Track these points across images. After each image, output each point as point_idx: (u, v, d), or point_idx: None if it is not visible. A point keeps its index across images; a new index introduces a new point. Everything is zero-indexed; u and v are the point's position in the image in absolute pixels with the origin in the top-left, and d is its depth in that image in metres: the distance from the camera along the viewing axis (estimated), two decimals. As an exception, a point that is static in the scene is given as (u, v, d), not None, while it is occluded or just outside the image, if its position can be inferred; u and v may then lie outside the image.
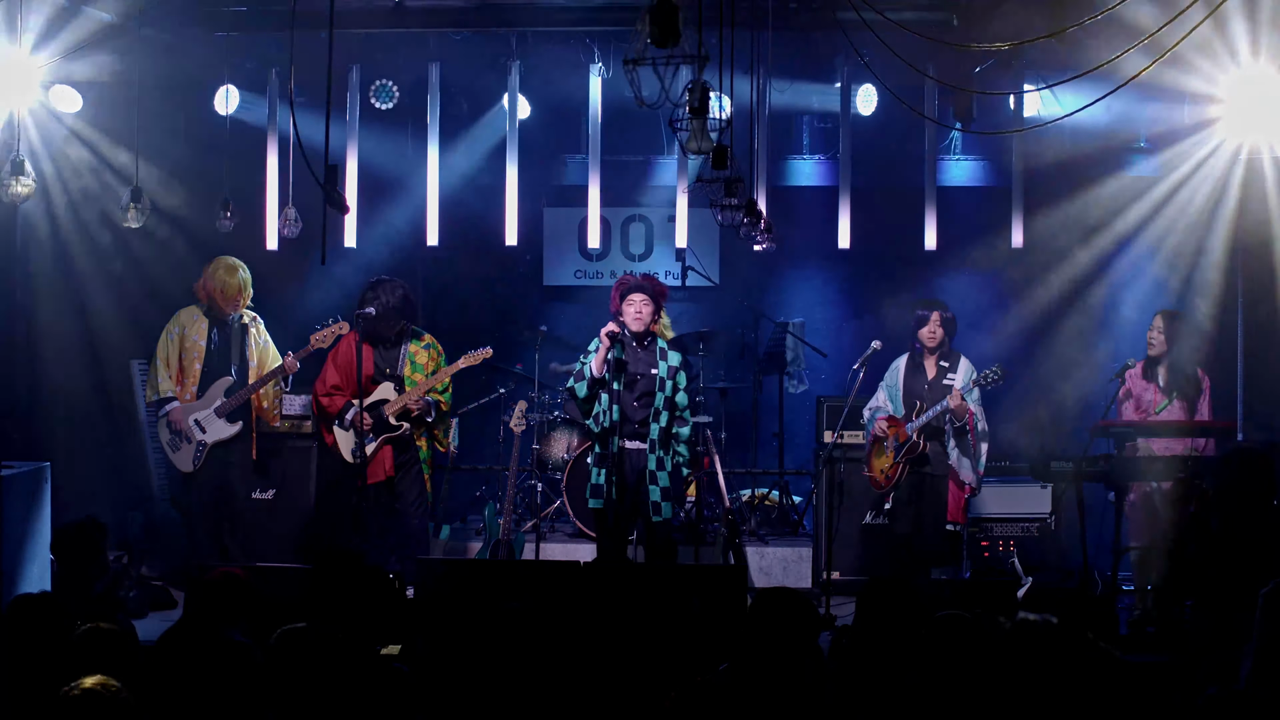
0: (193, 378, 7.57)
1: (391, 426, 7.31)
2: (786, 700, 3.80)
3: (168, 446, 7.59)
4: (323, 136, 4.97)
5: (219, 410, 7.54)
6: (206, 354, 7.59)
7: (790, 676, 3.84)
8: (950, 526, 7.25)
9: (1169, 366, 7.32)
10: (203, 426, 7.54)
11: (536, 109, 8.65)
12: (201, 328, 7.61)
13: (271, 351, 7.76)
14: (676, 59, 4.33)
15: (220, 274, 7.56)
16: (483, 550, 7.89)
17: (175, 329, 7.62)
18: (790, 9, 7.36)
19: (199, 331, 7.60)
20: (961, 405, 6.99)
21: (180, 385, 7.56)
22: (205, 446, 7.53)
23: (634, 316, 6.90)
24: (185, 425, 7.51)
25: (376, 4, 7.63)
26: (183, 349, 7.58)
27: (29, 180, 6.92)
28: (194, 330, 7.60)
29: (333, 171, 4.61)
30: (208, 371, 7.58)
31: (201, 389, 7.56)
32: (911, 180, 8.49)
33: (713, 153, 5.04)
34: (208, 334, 7.60)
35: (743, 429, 9.26)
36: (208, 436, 7.54)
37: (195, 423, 7.52)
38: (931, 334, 7.24)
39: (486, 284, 9.82)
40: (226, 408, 7.55)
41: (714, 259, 9.74)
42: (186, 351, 7.58)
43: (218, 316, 7.63)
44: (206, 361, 7.59)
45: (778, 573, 8.05)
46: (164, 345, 7.59)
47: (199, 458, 7.53)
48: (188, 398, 7.55)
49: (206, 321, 7.63)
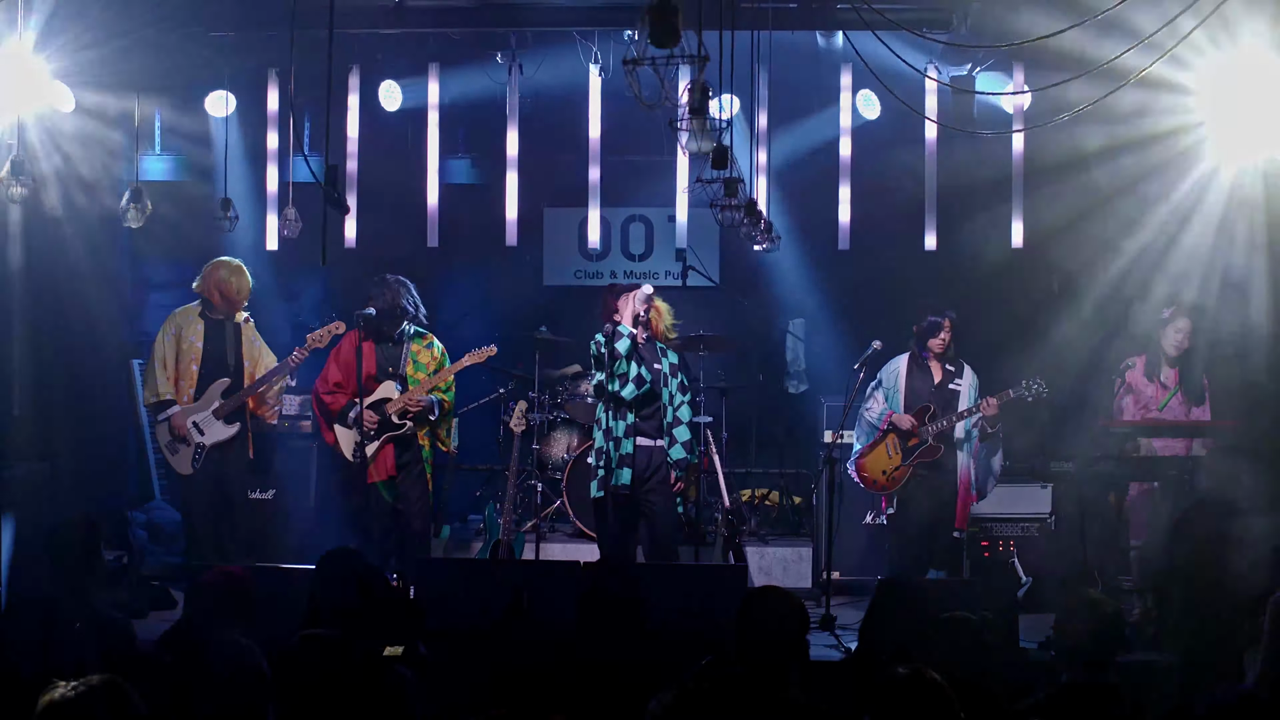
0: (190, 380, 7.53)
1: (394, 425, 7.31)
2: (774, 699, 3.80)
3: (166, 450, 7.55)
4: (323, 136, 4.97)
5: (217, 412, 7.51)
6: (203, 355, 7.55)
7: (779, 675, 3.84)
8: (956, 534, 7.26)
9: (1182, 366, 7.35)
10: (201, 429, 7.50)
11: (536, 109, 8.64)
12: (198, 329, 7.57)
13: (265, 351, 7.75)
14: (676, 59, 4.32)
15: (225, 274, 7.54)
16: (483, 550, 7.89)
17: (171, 330, 7.57)
18: (790, 9, 7.36)
19: (195, 333, 7.56)
20: (994, 414, 7.04)
21: (176, 387, 7.53)
22: (204, 449, 7.50)
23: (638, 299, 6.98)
24: (185, 429, 7.49)
25: (376, 4, 7.63)
26: (179, 350, 7.54)
27: (27, 180, 6.92)
28: (190, 331, 7.56)
29: (333, 171, 4.61)
30: (204, 373, 7.54)
31: (198, 391, 7.53)
32: (911, 180, 8.48)
33: (713, 153, 5.03)
34: (204, 335, 7.57)
35: (743, 429, 9.25)
36: (206, 439, 7.51)
37: (194, 425, 7.49)
38: (943, 341, 7.26)
39: (486, 284, 9.82)
40: (224, 409, 7.52)
41: (714, 259, 9.74)
42: (183, 353, 7.54)
43: (214, 317, 7.60)
44: (204, 363, 7.55)
45: (778, 573, 8.05)
46: (160, 346, 7.55)
47: (198, 460, 7.50)
48: (185, 400, 7.51)
49: (203, 323, 7.59)
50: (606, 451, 6.91)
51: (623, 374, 6.85)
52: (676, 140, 4.73)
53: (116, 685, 3.18)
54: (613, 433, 6.92)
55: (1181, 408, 7.38)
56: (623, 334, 6.81)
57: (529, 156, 8.58)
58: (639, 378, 6.88)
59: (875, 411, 7.35)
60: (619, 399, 6.88)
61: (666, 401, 7.04)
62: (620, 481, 6.86)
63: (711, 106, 4.78)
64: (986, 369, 7.63)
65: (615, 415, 6.89)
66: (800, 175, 8.82)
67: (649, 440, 7.01)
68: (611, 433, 6.92)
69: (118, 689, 3.21)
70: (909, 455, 7.18)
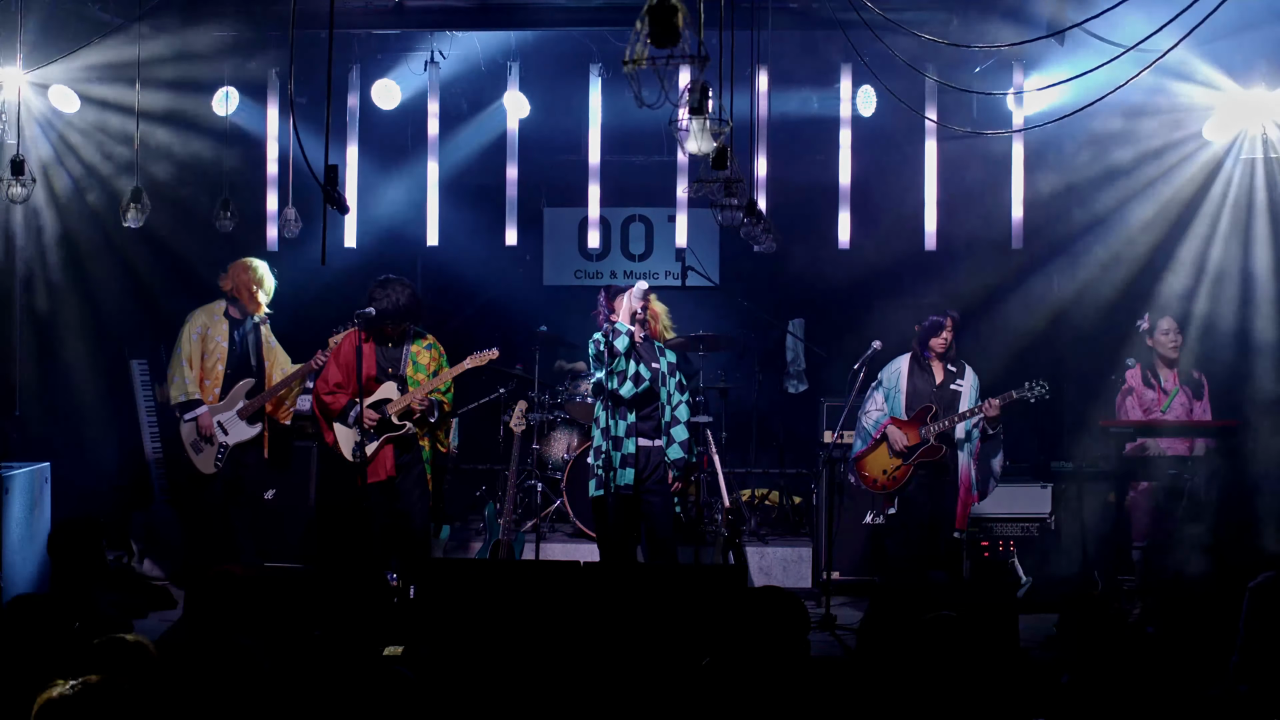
0: (215, 379, 7.59)
1: (394, 426, 7.30)
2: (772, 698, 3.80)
3: (190, 448, 7.57)
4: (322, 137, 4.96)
5: (241, 413, 7.60)
6: (229, 355, 7.62)
7: (777, 674, 3.84)
8: (956, 534, 7.26)
9: (1179, 368, 7.39)
10: (225, 428, 7.58)
11: (536, 109, 8.65)
12: (223, 328, 7.63)
13: (280, 352, 7.81)
14: (676, 59, 4.32)
15: (253, 274, 7.61)
16: (483, 550, 7.89)
17: (196, 329, 7.60)
18: (790, 9, 7.36)
19: (221, 332, 7.62)
20: (996, 415, 7.04)
21: (201, 387, 7.57)
22: (227, 449, 7.57)
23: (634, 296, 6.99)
24: (211, 428, 7.54)
25: (376, 4, 7.64)
26: (204, 350, 7.60)
27: (28, 180, 6.92)
28: (216, 331, 7.62)
29: (333, 171, 4.60)
30: (230, 373, 7.61)
31: (223, 390, 7.59)
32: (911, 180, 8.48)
33: (713, 153, 5.03)
34: (229, 335, 7.63)
35: (743, 429, 9.25)
36: (230, 438, 7.59)
37: (219, 425, 7.56)
38: (945, 341, 7.26)
39: (486, 284, 9.82)
40: (249, 410, 7.61)
41: (714, 259, 9.74)
42: (209, 352, 7.60)
43: (236, 316, 7.65)
44: (229, 363, 7.62)
45: (778, 573, 8.05)
46: (187, 345, 7.57)
47: (220, 460, 7.56)
48: (210, 399, 7.57)
49: (227, 323, 7.65)
50: (606, 452, 6.91)
51: (621, 371, 6.85)
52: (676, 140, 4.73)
53: (116, 685, 3.19)
54: (611, 431, 6.91)
55: (1184, 409, 7.39)
56: (620, 331, 6.81)
57: (529, 156, 8.58)
58: (637, 375, 6.88)
59: (873, 417, 7.34)
60: (618, 397, 6.88)
61: (665, 400, 7.04)
62: (624, 481, 6.86)
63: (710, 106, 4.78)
64: (986, 369, 7.63)
65: (615, 415, 6.89)
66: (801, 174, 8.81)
67: (647, 440, 7.01)
68: (610, 432, 6.92)
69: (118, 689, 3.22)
70: (910, 455, 7.17)
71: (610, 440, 6.91)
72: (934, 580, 7.09)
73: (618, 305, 6.97)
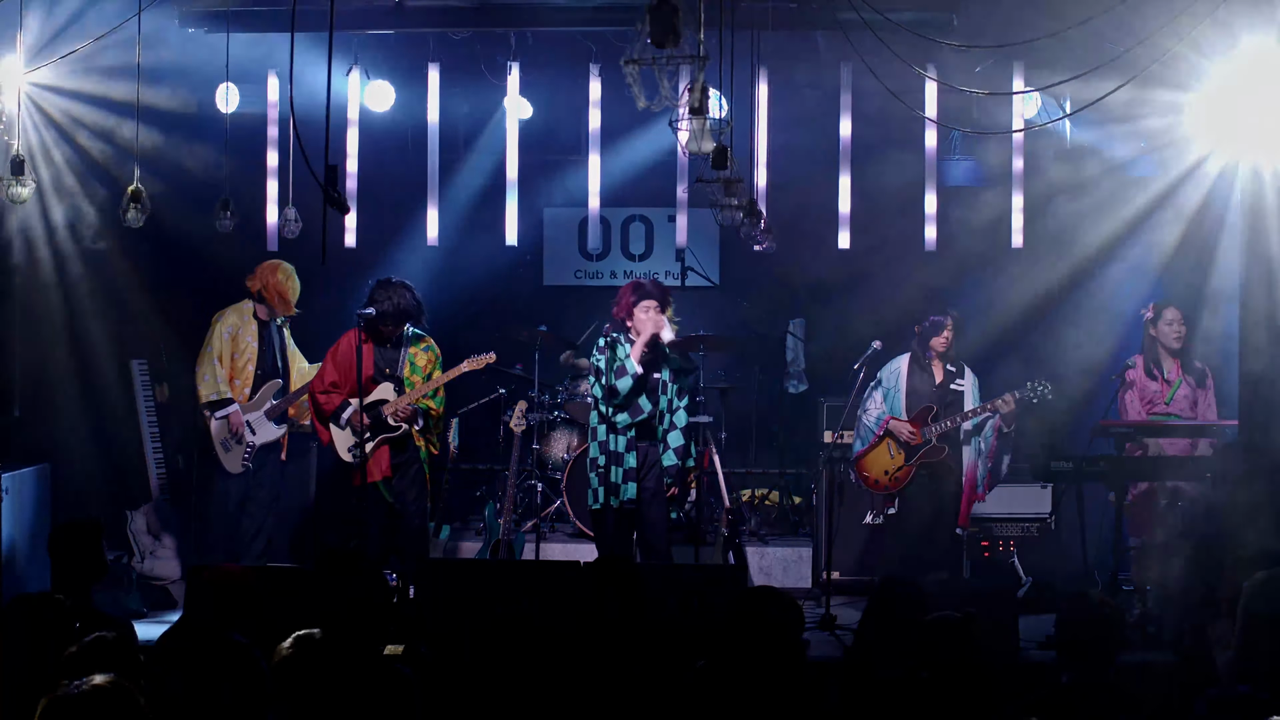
0: (245, 380, 7.64)
1: (390, 427, 7.30)
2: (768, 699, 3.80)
3: (220, 447, 7.59)
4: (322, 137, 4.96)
5: (269, 413, 7.65)
6: (259, 356, 7.65)
7: (772, 675, 3.84)
8: (958, 532, 7.26)
9: (1183, 357, 7.38)
10: (253, 429, 7.62)
11: (536, 109, 8.65)
12: (252, 329, 7.68)
13: (299, 354, 7.89)
14: (676, 59, 4.32)
15: (282, 276, 7.66)
16: (483, 550, 7.89)
17: (227, 328, 7.63)
18: (790, 9, 7.36)
19: (251, 333, 7.67)
20: (1012, 412, 7.04)
21: (231, 386, 7.60)
22: (254, 449, 7.61)
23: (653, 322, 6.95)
24: (241, 427, 7.57)
25: (376, 4, 7.63)
26: (235, 350, 7.62)
27: (29, 180, 6.92)
28: (246, 331, 7.67)
29: (333, 171, 4.60)
30: (259, 374, 7.66)
31: (252, 391, 7.63)
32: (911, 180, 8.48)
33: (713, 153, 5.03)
34: (259, 336, 7.67)
35: (743, 429, 9.25)
36: (257, 439, 7.63)
37: (248, 424, 7.59)
38: (946, 340, 7.25)
39: (486, 284, 9.81)
40: (276, 410, 7.67)
41: (714, 259, 9.74)
42: (240, 352, 7.65)
43: (264, 318, 7.70)
44: (259, 364, 7.65)
45: (778, 573, 8.05)
46: (218, 344, 7.61)
47: (248, 459, 7.60)
48: (240, 399, 7.61)
49: (255, 324, 7.69)
50: (607, 467, 6.93)
51: (619, 405, 6.92)
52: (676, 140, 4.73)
53: (117, 685, 3.18)
54: (609, 445, 6.95)
55: (1188, 400, 7.38)
56: (628, 371, 6.86)
57: (529, 156, 8.58)
58: (636, 408, 6.92)
59: (873, 415, 7.34)
60: (613, 393, 6.91)
61: (665, 408, 7.04)
62: (626, 497, 6.91)
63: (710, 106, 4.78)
64: (987, 370, 7.62)
65: (613, 430, 6.93)
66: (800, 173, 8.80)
67: (645, 443, 7.04)
68: (608, 445, 6.95)
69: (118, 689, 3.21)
70: (912, 455, 7.17)
71: (608, 454, 6.93)
72: (934, 580, 7.08)
73: (639, 315, 6.97)
